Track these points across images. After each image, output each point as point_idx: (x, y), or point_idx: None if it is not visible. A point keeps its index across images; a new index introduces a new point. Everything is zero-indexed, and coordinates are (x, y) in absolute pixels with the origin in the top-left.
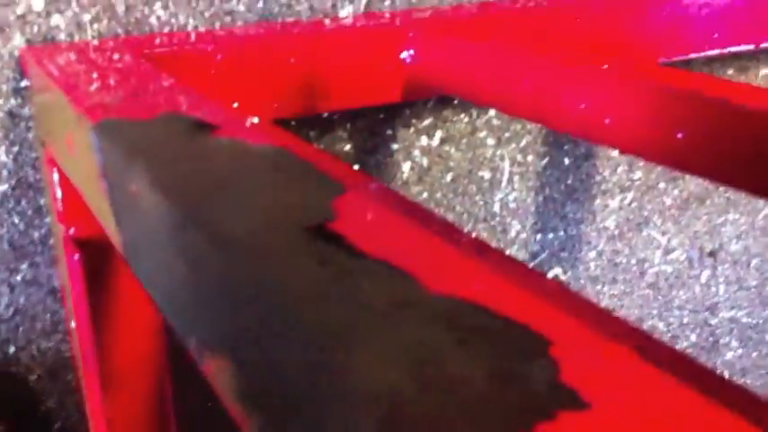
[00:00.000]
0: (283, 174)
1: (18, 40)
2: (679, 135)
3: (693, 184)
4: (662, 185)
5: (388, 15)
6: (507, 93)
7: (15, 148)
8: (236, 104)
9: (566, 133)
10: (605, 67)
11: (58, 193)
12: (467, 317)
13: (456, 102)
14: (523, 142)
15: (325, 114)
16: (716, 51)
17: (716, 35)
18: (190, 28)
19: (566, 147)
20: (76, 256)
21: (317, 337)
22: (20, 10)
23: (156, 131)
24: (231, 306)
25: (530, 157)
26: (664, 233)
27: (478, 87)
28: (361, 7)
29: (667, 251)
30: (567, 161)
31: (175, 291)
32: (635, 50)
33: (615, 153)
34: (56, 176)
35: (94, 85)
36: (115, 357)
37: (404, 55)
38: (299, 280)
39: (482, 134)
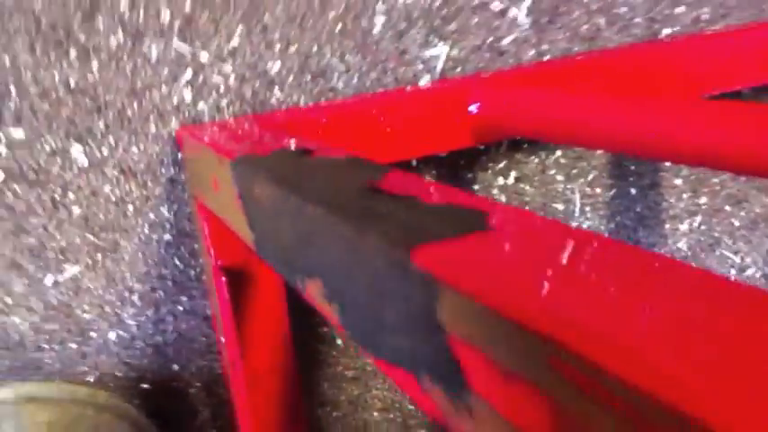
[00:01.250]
0: (353, 168)
1: (174, 124)
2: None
3: (758, 206)
4: (728, 208)
5: (456, 78)
6: (559, 127)
7: (175, 206)
8: None
9: (632, 156)
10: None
11: (207, 232)
12: (451, 211)
13: (526, 146)
14: (590, 176)
15: (414, 162)
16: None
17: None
18: (302, 103)
19: (630, 178)
20: (223, 279)
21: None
22: (174, 101)
23: (270, 159)
24: (317, 243)
25: (598, 189)
26: (736, 252)
27: (536, 126)
28: (437, 76)
29: (742, 269)
30: (633, 191)
31: (285, 248)
32: (680, 86)
33: (678, 181)
34: (205, 220)
35: (231, 141)
36: (256, 362)
37: (471, 107)
38: (356, 215)
39: (552, 171)
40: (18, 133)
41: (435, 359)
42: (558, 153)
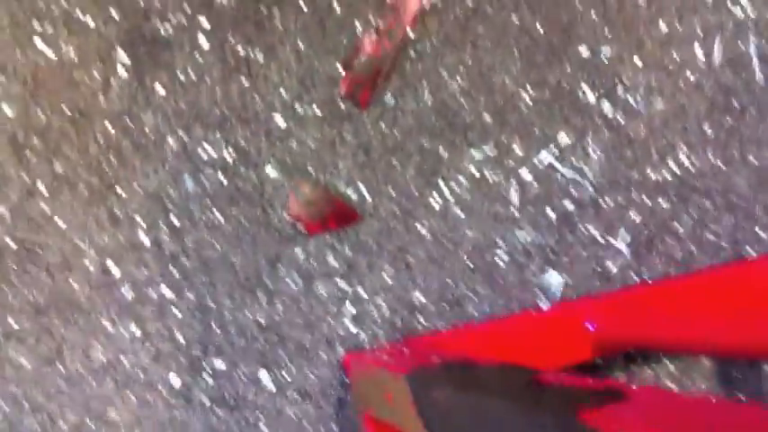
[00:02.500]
0: (509, 370)
1: (340, 351)
2: None
3: None
4: None
5: (572, 301)
6: (666, 336)
7: (342, 421)
8: None
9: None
10: None
11: None
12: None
13: (639, 359)
14: (702, 386)
15: None
16: None
17: None
18: (441, 328)
19: (734, 376)
20: None
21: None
22: (340, 332)
23: (439, 370)
24: (494, 426)
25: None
26: None
27: (647, 338)
28: (555, 299)
29: None
30: (741, 396)
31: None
32: None
33: None
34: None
35: (398, 361)
36: None
37: (587, 325)
38: (526, 400)
39: (666, 381)
40: (219, 364)
41: None
42: (668, 362)
